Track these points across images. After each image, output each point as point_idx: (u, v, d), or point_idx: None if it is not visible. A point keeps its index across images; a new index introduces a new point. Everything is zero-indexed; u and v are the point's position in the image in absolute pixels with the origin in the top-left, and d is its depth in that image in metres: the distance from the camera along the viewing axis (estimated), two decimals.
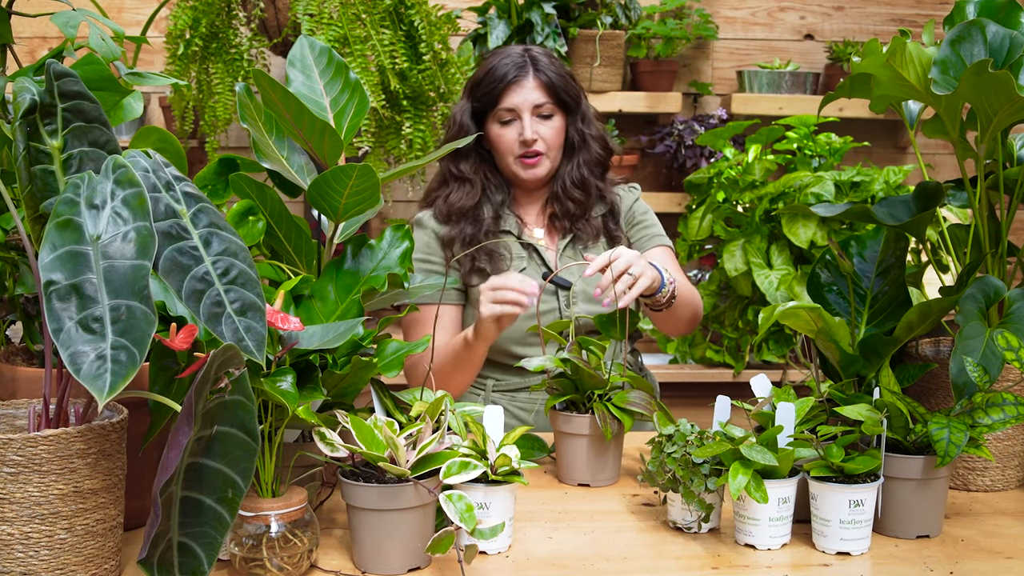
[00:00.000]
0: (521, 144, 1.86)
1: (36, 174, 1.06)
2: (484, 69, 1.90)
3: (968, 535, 1.30)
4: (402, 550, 1.14)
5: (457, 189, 1.90)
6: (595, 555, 1.22)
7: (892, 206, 1.50)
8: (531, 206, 1.97)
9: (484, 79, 1.88)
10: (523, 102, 1.85)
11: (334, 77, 1.41)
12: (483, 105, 1.88)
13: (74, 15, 1.38)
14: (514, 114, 1.86)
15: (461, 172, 1.90)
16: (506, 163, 1.90)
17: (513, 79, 1.86)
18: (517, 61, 1.87)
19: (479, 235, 1.87)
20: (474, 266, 1.87)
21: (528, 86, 1.86)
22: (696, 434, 1.28)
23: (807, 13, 3.32)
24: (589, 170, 1.92)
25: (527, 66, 1.87)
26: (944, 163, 3.33)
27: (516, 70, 1.86)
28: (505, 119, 1.87)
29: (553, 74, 1.88)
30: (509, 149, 1.88)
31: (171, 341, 1.04)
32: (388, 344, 1.28)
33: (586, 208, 1.92)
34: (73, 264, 0.98)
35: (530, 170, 1.88)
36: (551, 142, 1.88)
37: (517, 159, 1.88)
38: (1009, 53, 1.31)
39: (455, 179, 1.91)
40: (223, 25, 2.60)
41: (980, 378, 1.26)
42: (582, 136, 1.92)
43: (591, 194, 1.92)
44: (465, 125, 1.89)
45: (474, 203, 1.89)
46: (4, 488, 0.99)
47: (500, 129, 1.87)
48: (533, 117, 1.86)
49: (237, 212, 1.32)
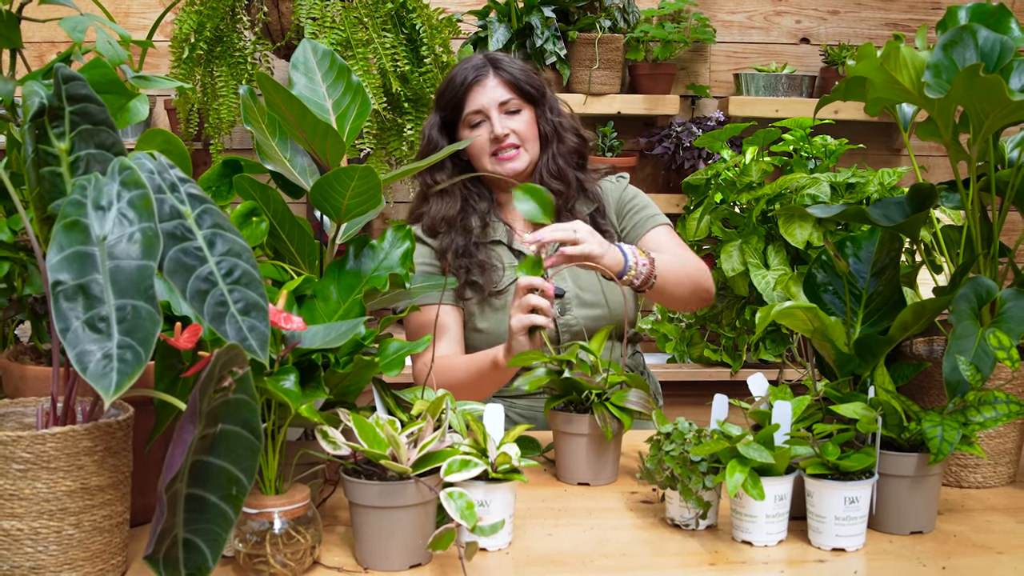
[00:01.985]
0: (493, 141, 1.85)
1: (44, 176, 1.07)
2: (446, 80, 1.89)
3: (961, 531, 1.31)
4: (404, 547, 1.15)
5: (436, 201, 1.88)
6: (594, 552, 1.24)
7: (887, 207, 1.51)
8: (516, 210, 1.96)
9: (447, 88, 1.88)
10: (488, 101, 1.84)
11: (336, 80, 1.42)
12: (450, 114, 1.87)
13: (82, 20, 1.39)
14: (482, 115, 1.85)
15: (437, 183, 1.88)
16: (484, 165, 1.87)
17: (474, 80, 1.85)
18: (476, 63, 1.87)
19: (469, 246, 1.85)
20: (468, 279, 1.85)
21: (490, 84, 1.85)
22: (694, 432, 1.30)
23: (803, 17, 3.34)
24: (565, 160, 1.90)
25: (486, 67, 1.86)
26: (937, 165, 3.34)
27: (475, 71, 1.85)
28: (474, 122, 1.86)
29: (514, 69, 1.87)
30: (483, 149, 1.86)
31: (176, 340, 1.06)
32: (390, 343, 1.29)
33: (567, 198, 1.88)
34: (80, 264, 0.99)
35: (508, 164, 1.86)
36: (524, 134, 1.86)
37: (492, 157, 1.86)
38: (1000, 57, 1.33)
39: (433, 193, 1.89)
40: (227, 29, 2.62)
41: (973, 377, 1.28)
42: (554, 127, 1.90)
43: (570, 184, 1.89)
44: (434, 139, 1.88)
45: (455, 211, 1.87)
46: (13, 485, 1.01)
47: (471, 132, 1.86)
48: (501, 114, 1.85)
49: (241, 213, 1.33)
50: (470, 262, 1.85)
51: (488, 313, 1.85)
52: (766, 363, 2.83)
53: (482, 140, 1.86)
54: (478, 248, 1.86)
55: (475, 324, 1.87)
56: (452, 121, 1.89)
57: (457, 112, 1.87)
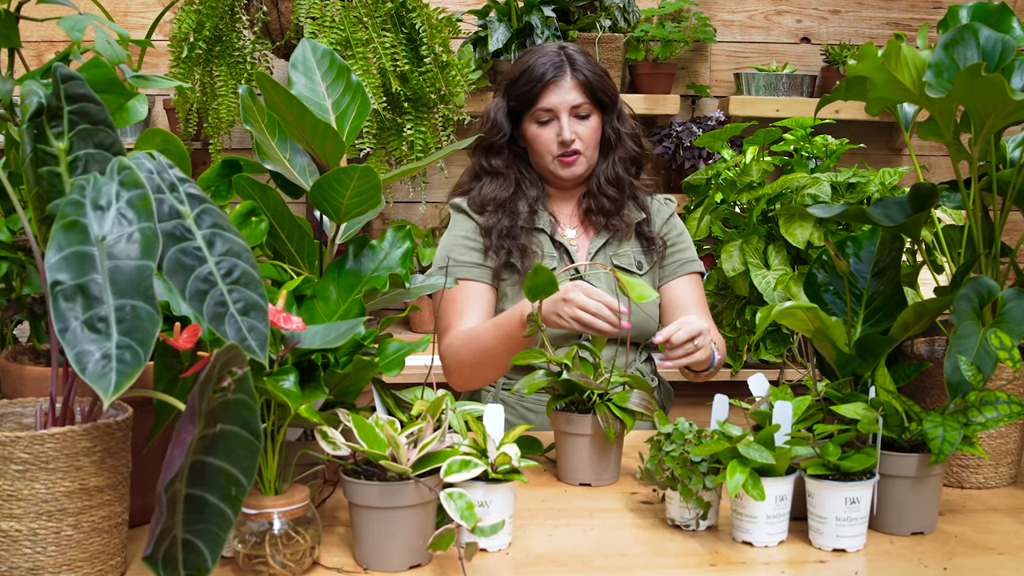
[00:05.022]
0: (560, 144, 1.87)
1: (43, 176, 1.07)
2: (520, 68, 1.89)
3: (962, 532, 1.31)
4: (403, 547, 1.15)
5: (490, 182, 1.91)
6: (594, 552, 1.23)
7: (888, 207, 1.51)
8: (565, 204, 1.97)
9: (520, 78, 1.88)
10: (561, 103, 1.86)
11: (336, 79, 1.42)
12: (520, 104, 1.89)
13: (80, 19, 1.39)
14: (552, 114, 1.87)
15: (494, 167, 1.91)
16: (544, 162, 1.91)
17: (551, 79, 1.86)
18: (554, 60, 1.87)
19: (515, 228, 1.87)
20: (507, 260, 1.87)
21: (566, 86, 1.86)
22: (694, 433, 1.30)
23: (804, 16, 3.33)
24: (624, 167, 1.94)
25: (564, 65, 1.87)
26: (938, 165, 3.34)
27: (554, 70, 1.86)
28: (543, 119, 1.88)
29: (590, 73, 1.88)
30: (547, 149, 1.89)
31: (175, 341, 1.06)
32: (389, 344, 1.29)
33: (620, 205, 1.93)
34: (79, 264, 0.99)
35: (568, 169, 1.89)
36: (588, 141, 1.89)
37: (555, 159, 1.89)
38: (1001, 56, 1.33)
39: (487, 173, 1.92)
40: (226, 28, 2.61)
41: (974, 377, 1.28)
42: (617, 134, 1.93)
43: (624, 191, 1.93)
44: (499, 123, 1.91)
45: (508, 195, 1.89)
46: (12, 485, 1.01)
47: (538, 129, 1.88)
48: (571, 117, 1.87)
49: (240, 213, 1.33)
50: (513, 244, 1.87)
51: (519, 298, 1.87)
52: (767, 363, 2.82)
53: (548, 140, 1.88)
54: (522, 232, 1.88)
55: (504, 306, 1.89)
56: (519, 111, 1.91)
57: (527, 105, 1.89)
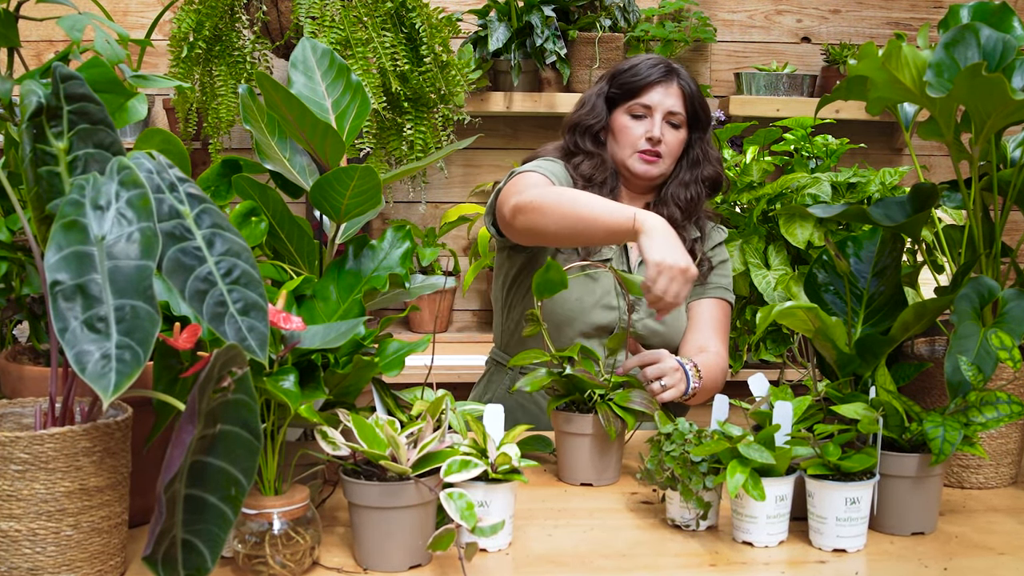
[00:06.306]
0: (647, 140, 1.89)
1: (42, 175, 1.07)
2: (630, 63, 1.94)
3: (962, 532, 1.31)
4: (403, 547, 1.15)
5: (587, 161, 1.93)
6: (594, 552, 1.23)
7: (888, 207, 1.51)
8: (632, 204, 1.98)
9: (629, 70, 1.92)
10: (660, 103, 1.89)
11: (336, 79, 1.42)
12: (620, 94, 1.92)
13: (80, 19, 1.39)
14: (648, 111, 1.90)
15: (588, 148, 1.93)
16: (623, 155, 1.92)
17: (659, 79, 1.90)
18: (665, 67, 1.92)
19: None
20: None
21: (670, 91, 1.90)
22: (694, 433, 1.30)
23: (804, 16, 3.33)
24: (700, 186, 1.96)
25: (673, 73, 1.92)
26: (939, 165, 3.34)
27: (663, 73, 1.91)
28: (638, 113, 1.90)
29: (694, 88, 1.93)
30: (632, 142, 1.90)
31: (175, 341, 1.05)
32: (389, 344, 1.29)
33: (688, 218, 1.95)
34: (78, 264, 0.98)
35: (646, 166, 1.90)
36: (672, 148, 1.92)
37: (636, 153, 1.90)
38: (1002, 56, 1.33)
39: (583, 153, 1.93)
40: (226, 28, 2.61)
41: (974, 377, 1.27)
42: (705, 154, 1.96)
43: (695, 209, 1.96)
44: (597, 107, 1.93)
45: (604, 178, 1.91)
46: (11, 485, 1.01)
47: (629, 121, 1.91)
48: (664, 121, 1.90)
49: (240, 213, 1.33)
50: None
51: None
52: (767, 363, 2.82)
53: (636, 134, 1.90)
54: None
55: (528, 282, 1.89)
56: (617, 100, 1.93)
57: (628, 97, 1.91)
